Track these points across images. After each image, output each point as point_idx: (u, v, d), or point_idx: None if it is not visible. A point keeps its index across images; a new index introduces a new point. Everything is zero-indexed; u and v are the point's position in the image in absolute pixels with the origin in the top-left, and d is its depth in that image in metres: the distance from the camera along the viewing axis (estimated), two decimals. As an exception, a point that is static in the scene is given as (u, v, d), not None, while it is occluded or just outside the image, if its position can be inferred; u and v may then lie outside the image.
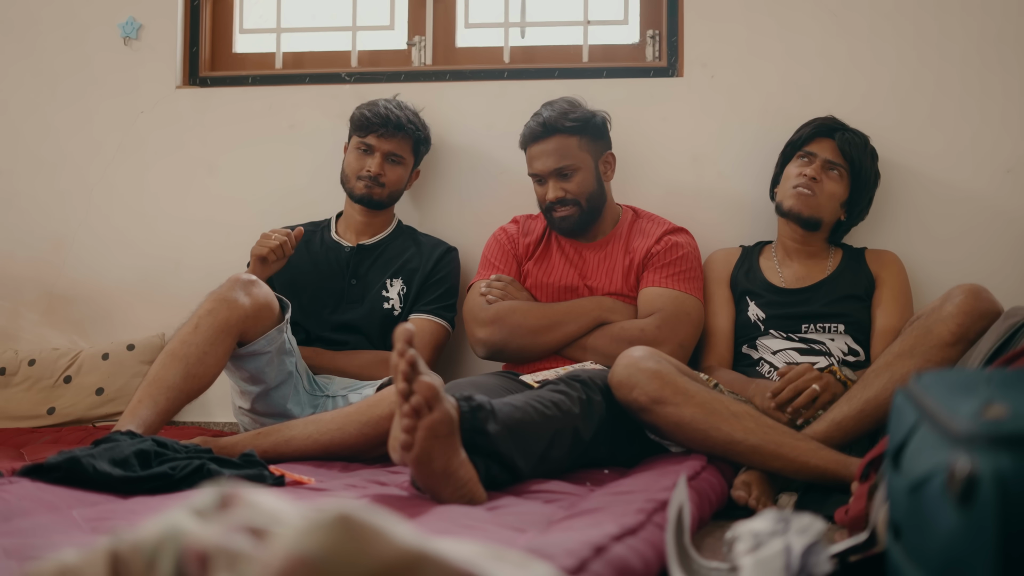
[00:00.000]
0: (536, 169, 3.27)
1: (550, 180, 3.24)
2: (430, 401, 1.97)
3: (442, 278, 3.45)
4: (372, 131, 3.40)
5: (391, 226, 3.56)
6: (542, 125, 3.24)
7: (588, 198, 3.25)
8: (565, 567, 1.37)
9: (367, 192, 3.42)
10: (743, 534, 1.50)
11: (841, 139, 3.20)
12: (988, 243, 3.42)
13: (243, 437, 2.74)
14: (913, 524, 1.32)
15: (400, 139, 3.43)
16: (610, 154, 3.33)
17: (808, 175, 3.17)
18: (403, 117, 3.43)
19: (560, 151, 3.22)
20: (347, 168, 3.48)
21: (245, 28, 4.02)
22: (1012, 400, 1.22)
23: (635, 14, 3.77)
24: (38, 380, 3.65)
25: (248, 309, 2.82)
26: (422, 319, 3.37)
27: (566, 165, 3.22)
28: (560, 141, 3.22)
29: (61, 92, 3.95)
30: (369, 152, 3.42)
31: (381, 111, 3.41)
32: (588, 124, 3.26)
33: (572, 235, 3.32)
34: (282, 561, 0.89)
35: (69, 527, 1.68)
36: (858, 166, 3.20)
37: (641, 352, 2.68)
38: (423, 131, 3.50)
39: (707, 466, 2.53)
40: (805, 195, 3.17)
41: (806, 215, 3.19)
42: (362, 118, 3.42)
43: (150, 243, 3.87)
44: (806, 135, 3.25)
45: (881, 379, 2.66)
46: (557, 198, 3.23)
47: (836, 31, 3.53)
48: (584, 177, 3.24)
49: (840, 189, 3.21)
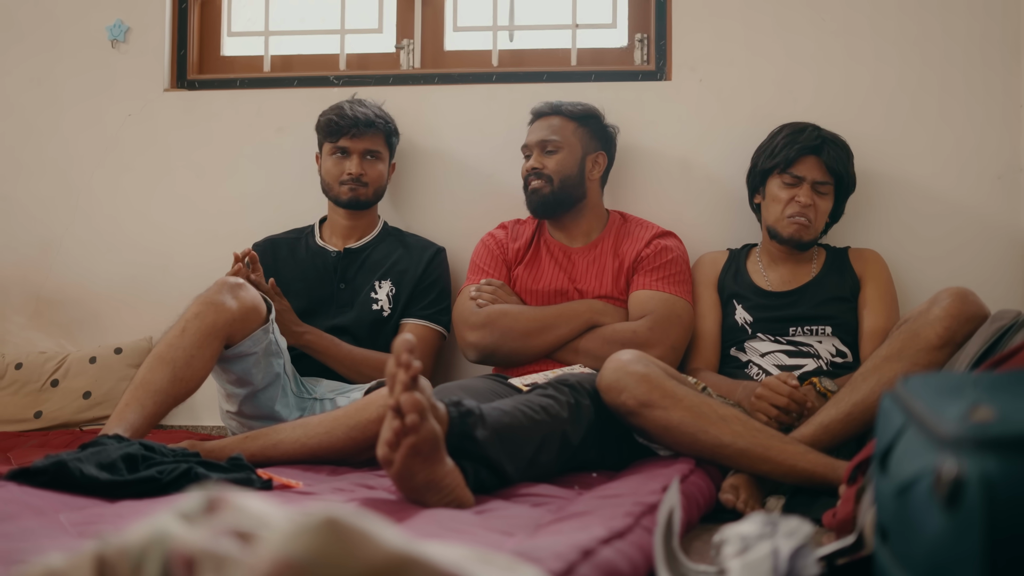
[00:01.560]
0: (527, 140, 3.37)
1: (534, 151, 3.33)
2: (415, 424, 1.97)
3: (434, 281, 3.46)
4: (344, 133, 3.41)
5: (377, 229, 3.56)
6: (549, 105, 3.38)
7: (562, 180, 3.30)
8: (553, 570, 1.37)
9: (352, 195, 3.42)
10: (731, 537, 1.51)
11: (828, 157, 3.16)
12: (976, 247, 3.43)
13: (231, 441, 2.73)
14: (900, 527, 1.32)
15: (372, 135, 3.44)
16: (601, 155, 3.35)
17: (802, 203, 3.15)
18: (370, 113, 3.44)
19: (553, 127, 3.33)
20: (326, 176, 3.48)
21: (233, 31, 4.01)
22: (999, 403, 1.22)
23: (623, 18, 3.78)
24: (25, 384, 3.63)
25: (235, 312, 2.82)
26: (418, 325, 3.38)
27: (552, 140, 3.30)
28: (558, 120, 3.34)
29: (47, 95, 3.93)
30: (345, 155, 3.43)
31: (348, 112, 3.42)
32: (590, 118, 3.36)
33: (539, 214, 3.37)
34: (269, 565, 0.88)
35: (56, 531, 1.67)
36: (843, 177, 3.20)
37: (629, 356, 2.68)
38: (392, 123, 3.51)
39: (695, 469, 2.53)
40: (803, 224, 3.17)
41: (807, 240, 3.20)
42: (331, 123, 3.43)
43: (137, 246, 3.86)
44: (792, 156, 3.18)
45: (868, 382, 2.67)
46: (533, 168, 3.30)
47: (825, 35, 3.54)
48: (565, 158, 3.30)
49: (828, 204, 3.21)
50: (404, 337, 1.95)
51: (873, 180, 3.43)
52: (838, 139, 3.23)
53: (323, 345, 3.27)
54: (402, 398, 1.96)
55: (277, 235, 3.60)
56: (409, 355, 1.94)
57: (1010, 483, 1.12)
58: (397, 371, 1.95)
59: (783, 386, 2.79)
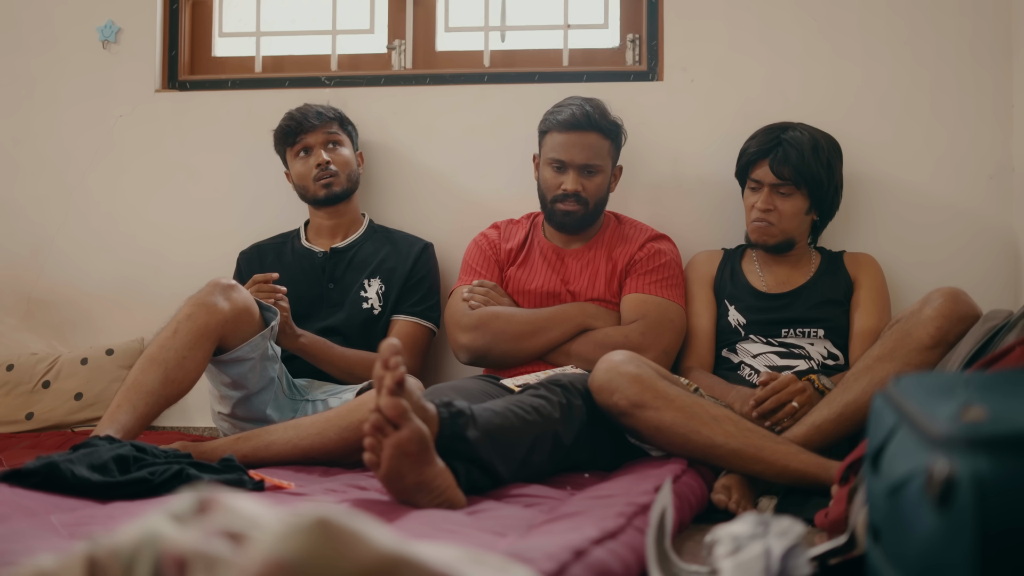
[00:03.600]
0: (564, 156, 3.22)
1: (572, 171, 3.21)
2: (396, 420, 1.97)
3: (423, 278, 3.46)
4: (300, 131, 3.45)
5: (362, 227, 3.56)
6: (587, 117, 3.21)
7: (597, 202, 3.27)
8: (545, 571, 1.37)
9: (328, 190, 3.44)
10: (723, 537, 1.51)
11: (779, 159, 3.14)
12: (968, 247, 3.44)
13: (223, 442, 2.73)
14: (892, 527, 1.32)
15: (325, 124, 3.47)
16: (619, 168, 3.35)
17: (760, 208, 3.17)
18: (314, 107, 3.49)
19: (595, 148, 3.22)
20: (299, 179, 3.49)
21: (224, 32, 4.01)
22: (991, 403, 1.22)
23: (615, 18, 3.78)
24: (16, 385, 3.63)
25: (228, 313, 2.81)
26: (407, 321, 3.38)
27: (596, 164, 3.22)
28: (598, 139, 3.22)
29: (39, 96, 3.93)
30: (308, 152, 3.45)
31: (295, 114, 3.48)
32: (619, 135, 3.30)
33: (566, 231, 3.32)
34: (260, 565, 0.88)
35: (47, 532, 1.67)
36: (804, 175, 3.13)
37: (621, 356, 2.68)
38: (339, 111, 3.53)
39: (687, 470, 2.53)
40: (764, 227, 3.19)
41: (772, 243, 3.21)
42: (285, 128, 3.48)
43: (129, 247, 3.85)
44: (745, 163, 3.25)
45: (861, 382, 2.68)
46: (575, 191, 3.20)
47: (816, 36, 3.54)
48: (603, 181, 3.26)
49: (797, 204, 3.17)
50: (390, 341, 1.96)
51: (864, 181, 3.44)
52: (804, 138, 3.16)
53: (317, 348, 3.26)
54: (382, 402, 1.96)
55: (263, 241, 3.60)
56: (396, 358, 1.94)
57: (1002, 482, 1.12)
58: (384, 374, 1.96)
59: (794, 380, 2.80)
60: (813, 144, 3.15)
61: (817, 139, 3.18)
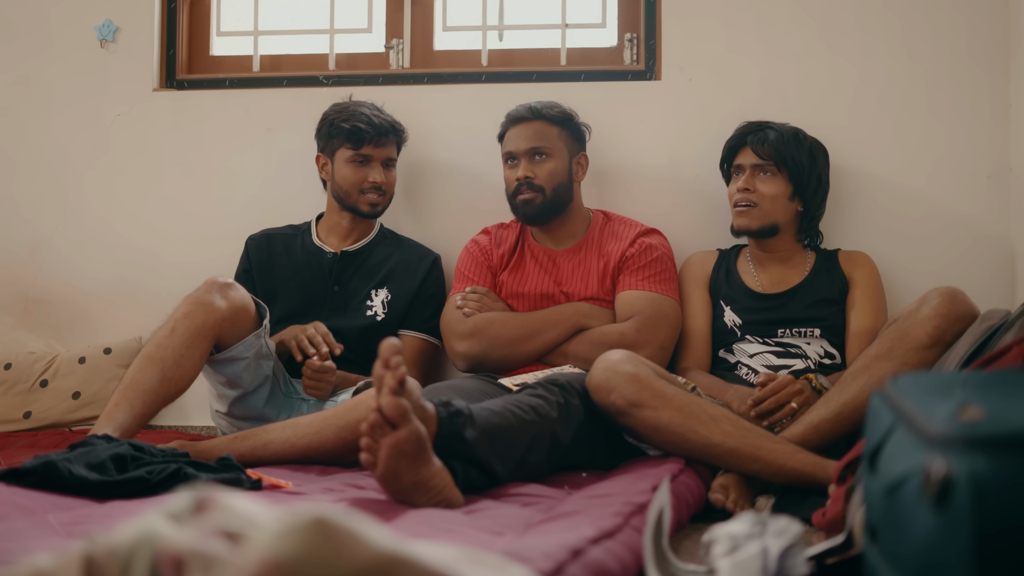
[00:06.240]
0: (511, 148, 3.29)
1: (523, 159, 3.26)
2: (396, 420, 1.97)
3: (433, 294, 3.45)
4: (370, 141, 3.34)
5: (374, 231, 3.53)
6: (528, 109, 3.29)
7: (555, 188, 3.26)
8: (542, 570, 1.37)
9: (373, 208, 3.39)
10: (720, 537, 1.51)
11: (753, 141, 3.21)
12: (965, 247, 3.43)
13: (220, 441, 2.72)
14: (889, 526, 1.32)
15: (390, 143, 3.42)
16: (584, 156, 3.35)
17: (740, 188, 3.20)
18: (389, 121, 3.41)
19: (539, 134, 3.26)
20: (344, 183, 3.38)
21: (222, 31, 4.01)
22: (988, 402, 1.22)
23: (613, 17, 3.78)
24: (14, 384, 3.62)
25: (225, 312, 2.81)
26: (415, 337, 3.39)
27: (542, 147, 3.25)
28: (541, 126, 3.27)
29: (36, 95, 3.92)
30: (366, 163, 3.37)
31: (373, 120, 3.36)
32: (570, 121, 3.32)
33: (531, 222, 3.33)
34: (257, 565, 0.88)
35: (44, 531, 1.67)
36: (785, 156, 3.17)
37: (619, 355, 2.68)
38: (400, 127, 3.48)
39: (685, 469, 2.53)
40: (745, 210, 3.20)
41: (755, 227, 3.21)
42: (356, 129, 3.33)
43: (126, 246, 3.85)
44: (726, 152, 3.32)
45: (858, 382, 2.68)
46: (526, 177, 3.23)
47: (813, 35, 3.54)
48: (556, 166, 3.26)
49: (778, 186, 3.20)
50: (390, 340, 1.95)
51: (861, 179, 3.44)
52: (787, 127, 3.23)
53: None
54: (384, 402, 1.96)
55: (273, 229, 3.55)
56: (397, 357, 1.94)
57: (999, 482, 1.12)
58: (385, 374, 1.95)
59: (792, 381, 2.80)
60: (795, 132, 3.23)
61: (800, 131, 3.25)
